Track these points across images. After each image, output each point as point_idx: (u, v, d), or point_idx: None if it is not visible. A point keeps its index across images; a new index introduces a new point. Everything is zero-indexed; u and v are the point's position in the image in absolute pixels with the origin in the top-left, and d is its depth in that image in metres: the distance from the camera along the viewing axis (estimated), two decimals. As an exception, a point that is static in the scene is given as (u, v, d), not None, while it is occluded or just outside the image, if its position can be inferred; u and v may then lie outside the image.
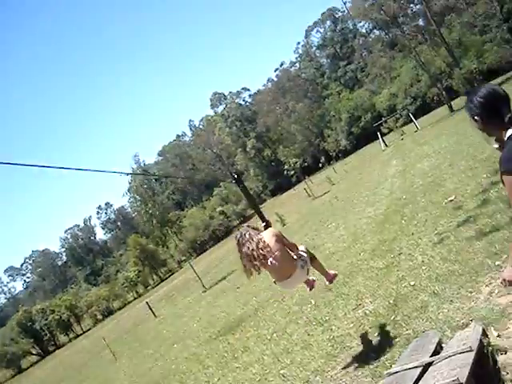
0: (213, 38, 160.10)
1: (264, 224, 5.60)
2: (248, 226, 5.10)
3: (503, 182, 2.64)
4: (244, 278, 15.79)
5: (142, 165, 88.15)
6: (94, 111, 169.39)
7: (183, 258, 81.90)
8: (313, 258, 5.26)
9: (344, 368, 5.09)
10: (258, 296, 11.75)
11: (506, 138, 2.60)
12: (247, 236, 4.83)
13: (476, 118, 2.70)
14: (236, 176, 5.93)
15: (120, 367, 15.81)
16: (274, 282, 5.23)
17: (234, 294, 14.99)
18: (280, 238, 4.89)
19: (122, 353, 19.24)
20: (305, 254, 5.08)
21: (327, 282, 5.76)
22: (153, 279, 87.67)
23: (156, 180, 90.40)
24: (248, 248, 4.74)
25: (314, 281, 5.75)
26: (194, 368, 9.11)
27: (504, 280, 2.87)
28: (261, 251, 4.68)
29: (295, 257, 4.97)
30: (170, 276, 77.90)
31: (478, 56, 44.98)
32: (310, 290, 5.88)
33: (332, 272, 5.72)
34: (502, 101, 2.60)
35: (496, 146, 2.77)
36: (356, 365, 4.97)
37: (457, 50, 45.88)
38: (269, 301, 10.40)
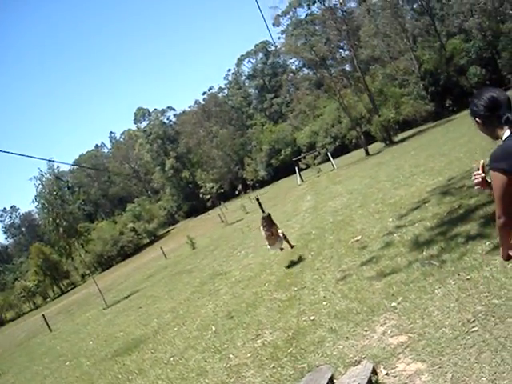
0: (145, 51, 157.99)
1: (266, 215, 11.01)
2: (268, 217, 10.60)
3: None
4: (148, 298, 15.46)
5: (55, 171, 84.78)
6: (10, 108, 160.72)
7: (87, 271, 78.75)
8: (284, 237, 10.69)
9: (237, 397, 5.06)
10: (159, 318, 11.52)
11: (503, 138, 2.69)
12: (269, 224, 10.41)
13: (477, 119, 2.81)
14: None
15: None
16: (268, 246, 10.71)
17: (135, 313, 14.59)
18: (277, 228, 10.60)
19: (8, 368, 18.03)
20: (281, 235, 10.55)
21: (289, 248, 10.97)
22: (53, 291, 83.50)
23: (68, 188, 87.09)
24: (269, 229, 10.33)
25: (282, 249, 10.95)
26: (83, 388, 8.73)
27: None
28: (274, 231, 10.34)
29: (280, 236, 10.49)
30: (71, 289, 74.66)
31: (396, 107, 47.38)
32: (281, 250, 10.98)
33: (293, 244, 11.20)
34: (502, 103, 2.68)
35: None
36: (249, 395, 4.96)
37: (377, 98, 48.12)
38: (170, 323, 10.22)
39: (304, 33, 46.01)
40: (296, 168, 45.21)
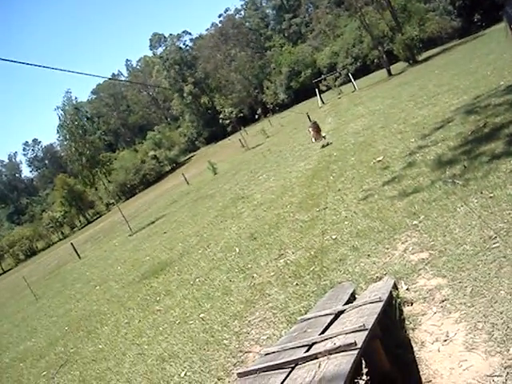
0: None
1: (314, 122, 17.22)
2: (315, 123, 16.66)
3: None
4: (172, 224, 15.80)
5: (74, 102, 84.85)
6: (24, 38, 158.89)
7: (112, 200, 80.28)
8: (324, 137, 15.65)
9: (262, 314, 5.25)
10: (184, 241, 11.80)
11: None
12: (316, 124, 16.44)
13: None
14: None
15: (40, 307, 15.48)
16: (314, 140, 16.02)
17: (160, 238, 14.97)
18: (320, 129, 16.24)
19: (43, 293, 18.88)
20: (323, 136, 15.70)
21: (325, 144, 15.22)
22: (79, 221, 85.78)
23: (88, 119, 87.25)
24: (316, 131, 15.90)
25: (323, 146, 15.04)
26: (115, 310, 9.11)
27: None
28: (319, 132, 15.94)
29: (322, 135, 15.79)
30: (97, 218, 76.57)
31: (421, 24, 45.59)
32: (322, 147, 15.05)
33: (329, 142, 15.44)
34: None
35: None
36: (274, 311, 5.13)
37: (401, 15, 46.26)
38: (195, 247, 10.48)
39: None
40: (316, 90, 44.49)
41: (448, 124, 9.47)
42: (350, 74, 46.67)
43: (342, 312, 3.67)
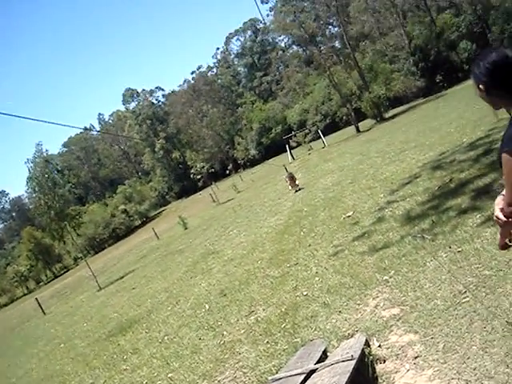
0: (131, 32, 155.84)
1: (290, 173, 19.72)
2: (290, 173, 19.21)
3: (501, 163, 2.30)
4: (141, 279, 15.48)
5: (44, 154, 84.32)
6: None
7: (80, 254, 78.77)
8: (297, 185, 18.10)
9: (231, 373, 5.10)
10: (153, 298, 11.55)
11: None
12: (291, 175, 18.88)
13: (481, 86, 2.29)
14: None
15: (-2, 367, 14.81)
16: (290, 187, 18.27)
17: (129, 294, 14.63)
18: (295, 178, 18.59)
19: (3, 352, 18.02)
20: (298, 183, 18.30)
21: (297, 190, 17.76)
22: (46, 275, 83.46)
23: (58, 172, 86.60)
24: (292, 180, 18.14)
25: (297, 190, 17.63)
26: (79, 369, 8.73)
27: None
28: (294, 181, 18.15)
29: (297, 184, 18.22)
30: (64, 273, 74.65)
31: (387, 83, 47.32)
32: (296, 191, 17.53)
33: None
34: None
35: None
36: (244, 370, 4.99)
37: (368, 75, 47.98)
38: (164, 303, 10.26)
39: (293, 9, 45.59)
40: (287, 146, 45.16)
41: (415, 179, 9.66)
42: (319, 131, 47.64)
43: (313, 371, 3.59)
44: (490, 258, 4.66)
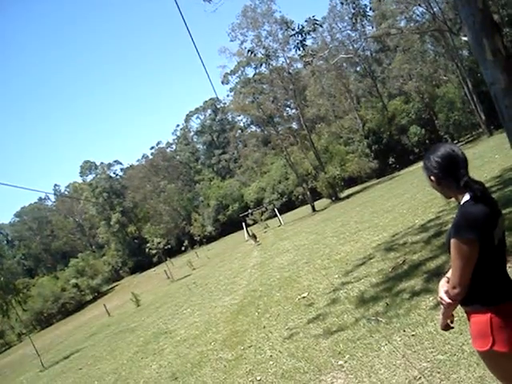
0: (93, 105, 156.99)
1: (252, 234, 31.95)
2: (253, 234, 31.50)
3: (449, 247, 2.48)
4: (88, 359, 14.82)
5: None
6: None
7: (24, 330, 74.86)
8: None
9: None
10: (100, 380, 11.00)
11: (461, 202, 2.48)
12: (254, 234, 31.26)
13: (432, 177, 2.57)
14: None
15: None
16: (253, 242, 29.83)
17: (75, 375, 13.88)
18: (256, 236, 30.55)
19: None
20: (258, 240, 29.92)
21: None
22: (-16, 352, 78.81)
23: (8, 242, 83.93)
24: (255, 236, 30.84)
25: (259, 244, 28.30)
26: None
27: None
28: (255, 236, 30.51)
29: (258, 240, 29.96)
30: (5, 350, 70.53)
31: (342, 164, 48.91)
32: (258, 244, 28.26)
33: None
34: (460, 163, 2.47)
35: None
36: None
37: (323, 155, 49.51)
38: (110, 386, 9.77)
39: (252, 91, 47.19)
40: (243, 224, 45.27)
41: (370, 260, 9.76)
42: (276, 209, 48.16)
43: None
44: (443, 342, 4.67)
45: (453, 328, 2.77)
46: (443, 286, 2.60)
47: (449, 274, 2.59)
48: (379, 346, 5.24)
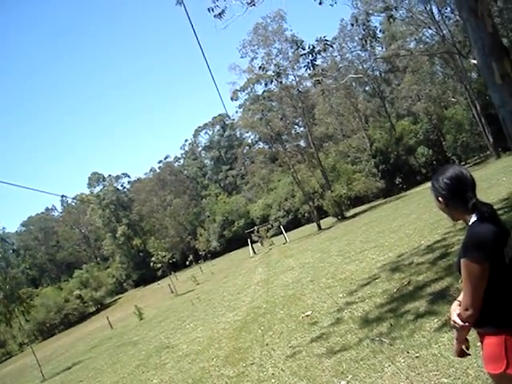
0: (100, 118, 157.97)
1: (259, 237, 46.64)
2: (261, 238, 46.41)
3: (459, 268, 2.50)
4: (89, 371, 14.76)
5: (0, 232, 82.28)
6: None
7: (26, 340, 74.54)
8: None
9: None
10: (100, 393, 10.95)
11: (469, 223, 2.49)
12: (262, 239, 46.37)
13: (440, 198, 2.59)
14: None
15: None
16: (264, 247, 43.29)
17: (74, 388, 13.85)
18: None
19: None
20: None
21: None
22: (-15, 362, 78.49)
23: (13, 251, 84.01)
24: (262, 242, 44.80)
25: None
26: None
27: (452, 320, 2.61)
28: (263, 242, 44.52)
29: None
30: (6, 359, 70.27)
31: (348, 183, 48.91)
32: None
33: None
34: (468, 185, 2.49)
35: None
36: None
37: (330, 174, 49.56)
38: (111, 400, 9.72)
39: (261, 108, 47.33)
40: (249, 240, 45.21)
41: (375, 280, 9.72)
42: (281, 226, 48.09)
43: None
44: (447, 365, 4.64)
45: (469, 355, 2.71)
46: (455, 309, 2.59)
47: (460, 298, 2.59)
48: (382, 367, 5.21)
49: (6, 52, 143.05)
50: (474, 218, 2.48)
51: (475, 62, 25.31)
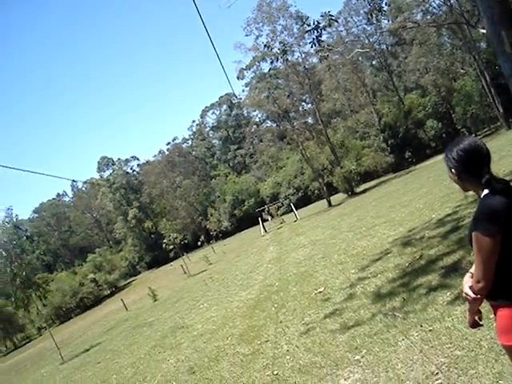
0: (110, 102, 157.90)
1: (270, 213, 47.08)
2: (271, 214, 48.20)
3: (471, 241, 2.49)
4: (107, 353, 14.97)
5: (14, 219, 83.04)
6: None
7: (44, 324, 75.64)
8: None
9: None
10: (118, 373, 11.11)
11: (481, 196, 2.46)
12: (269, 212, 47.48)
13: (453, 170, 2.54)
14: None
15: None
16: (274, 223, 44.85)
17: (93, 369, 14.04)
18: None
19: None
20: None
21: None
22: (5, 346, 79.61)
23: (27, 238, 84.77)
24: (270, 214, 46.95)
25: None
26: None
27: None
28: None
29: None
30: (26, 343, 71.38)
31: (357, 158, 48.72)
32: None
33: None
34: (483, 159, 2.45)
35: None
36: None
37: (339, 150, 49.29)
38: (130, 380, 9.88)
39: (267, 86, 47.09)
40: (259, 219, 45.31)
41: (386, 255, 9.73)
42: (291, 204, 48.12)
43: None
44: (461, 338, 4.66)
45: (482, 325, 2.73)
46: (467, 281, 2.59)
47: (472, 270, 2.58)
48: (396, 341, 5.24)
49: (23, 38, 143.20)
50: (486, 191, 2.45)
51: (484, 31, 24.91)
